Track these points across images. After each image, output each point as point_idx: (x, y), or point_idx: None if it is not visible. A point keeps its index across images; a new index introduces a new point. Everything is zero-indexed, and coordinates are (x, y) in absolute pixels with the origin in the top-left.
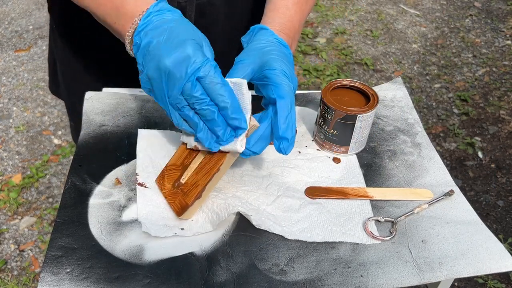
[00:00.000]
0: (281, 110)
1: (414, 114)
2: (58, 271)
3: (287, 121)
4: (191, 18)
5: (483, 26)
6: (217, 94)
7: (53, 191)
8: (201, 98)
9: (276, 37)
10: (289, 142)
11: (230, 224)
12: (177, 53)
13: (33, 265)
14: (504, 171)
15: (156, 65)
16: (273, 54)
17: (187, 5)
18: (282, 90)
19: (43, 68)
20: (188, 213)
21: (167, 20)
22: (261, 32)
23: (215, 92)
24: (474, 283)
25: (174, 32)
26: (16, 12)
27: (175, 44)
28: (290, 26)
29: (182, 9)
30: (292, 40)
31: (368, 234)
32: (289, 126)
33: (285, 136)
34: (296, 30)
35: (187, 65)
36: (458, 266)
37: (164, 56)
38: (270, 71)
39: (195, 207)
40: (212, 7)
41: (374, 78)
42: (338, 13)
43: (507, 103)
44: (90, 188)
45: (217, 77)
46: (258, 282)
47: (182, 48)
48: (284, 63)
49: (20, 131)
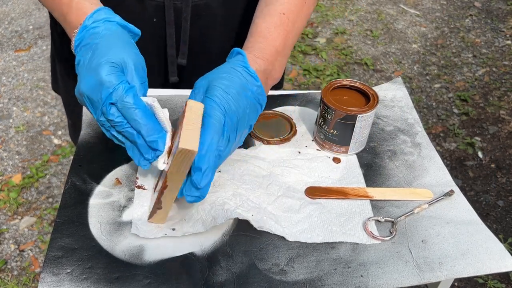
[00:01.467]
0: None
1: (414, 114)
2: (58, 272)
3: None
4: (187, 19)
5: (483, 26)
6: (130, 119)
7: (53, 191)
8: (117, 121)
9: (246, 65)
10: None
11: (230, 224)
12: (91, 78)
13: (33, 265)
14: (504, 171)
15: (77, 88)
16: (223, 83)
17: (183, 7)
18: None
19: (43, 68)
20: (154, 218)
21: (97, 36)
22: (237, 57)
23: (129, 116)
24: (474, 283)
25: (97, 52)
26: (16, 12)
27: (93, 68)
28: (270, 51)
29: (178, 10)
30: (272, 65)
31: (368, 234)
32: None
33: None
34: (278, 53)
35: (100, 90)
36: (458, 266)
37: (82, 81)
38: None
39: (159, 214)
40: (208, 9)
41: (374, 78)
42: (338, 13)
43: (507, 103)
44: (90, 188)
45: (128, 101)
46: (258, 282)
47: (95, 72)
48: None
49: (20, 131)
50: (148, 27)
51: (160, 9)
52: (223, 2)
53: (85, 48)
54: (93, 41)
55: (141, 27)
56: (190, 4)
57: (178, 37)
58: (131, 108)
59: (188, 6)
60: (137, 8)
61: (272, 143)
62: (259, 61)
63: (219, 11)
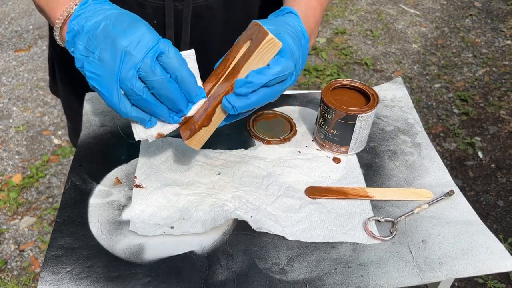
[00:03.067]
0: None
1: (414, 114)
2: (58, 271)
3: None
4: (187, 21)
5: (483, 26)
6: (178, 70)
7: (53, 191)
8: (160, 75)
9: (302, 26)
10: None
11: (231, 223)
12: (131, 32)
13: (33, 265)
14: (504, 171)
15: (110, 46)
16: (290, 33)
17: (184, 8)
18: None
19: (43, 68)
20: (193, 139)
21: (108, 8)
22: (290, 15)
23: (175, 68)
24: (474, 283)
25: (121, 17)
26: (16, 12)
27: (127, 25)
28: (312, 19)
29: (179, 12)
30: (313, 33)
31: (368, 234)
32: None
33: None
34: (317, 22)
35: (145, 42)
36: (458, 266)
37: (119, 36)
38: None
39: (200, 134)
40: (209, 10)
41: (374, 78)
42: (338, 13)
43: (507, 103)
44: (90, 187)
45: (176, 53)
46: (258, 281)
47: (135, 27)
48: (296, 46)
49: (20, 131)
50: None
51: (160, 11)
52: (224, 3)
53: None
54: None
55: None
56: (191, 6)
57: (179, 39)
58: (179, 59)
59: (189, 8)
60: (137, 10)
61: (272, 143)
62: (305, 25)
63: (219, 12)
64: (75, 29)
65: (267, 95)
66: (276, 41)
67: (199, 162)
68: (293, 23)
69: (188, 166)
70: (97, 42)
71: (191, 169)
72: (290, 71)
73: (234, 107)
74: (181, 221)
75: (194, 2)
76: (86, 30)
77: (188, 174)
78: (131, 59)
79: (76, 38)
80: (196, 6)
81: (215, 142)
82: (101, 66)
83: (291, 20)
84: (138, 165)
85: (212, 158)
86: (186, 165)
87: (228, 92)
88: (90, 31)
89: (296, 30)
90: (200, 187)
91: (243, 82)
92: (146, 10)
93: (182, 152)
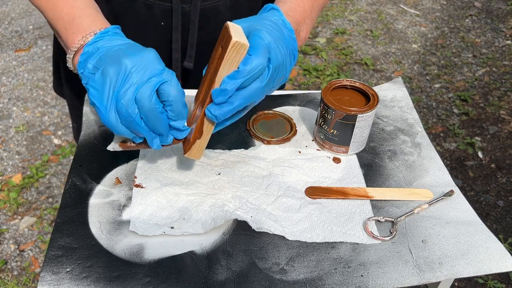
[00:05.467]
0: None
1: (414, 114)
2: (58, 270)
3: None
4: (195, 23)
5: (483, 26)
6: (175, 102)
7: (53, 191)
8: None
9: (283, 18)
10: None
11: (231, 223)
12: (140, 56)
13: (33, 265)
14: (504, 171)
15: (116, 63)
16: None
17: (191, 10)
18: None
19: (43, 68)
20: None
21: (125, 40)
22: (271, 11)
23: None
24: (474, 283)
25: (135, 45)
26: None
27: (138, 50)
28: (299, 11)
29: (186, 14)
30: (300, 25)
31: (368, 234)
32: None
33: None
34: (306, 15)
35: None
36: (458, 266)
37: (127, 57)
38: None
39: (197, 146)
40: (216, 13)
41: (374, 78)
42: (338, 13)
43: (507, 103)
44: (90, 187)
45: (178, 85)
46: (258, 281)
47: (145, 53)
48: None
49: (20, 131)
50: (155, 31)
51: (167, 13)
52: (231, 6)
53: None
54: (126, 40)
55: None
56: (199, 8)
57: (186, 41)
58: (179, 91)
59: (196, 10)
60: (145, 12)
61: (273, 143)
62: (289, 18)
63: (226, 15)
64: (89, 51)
65: (246, 96)
66: (241, 44)
67: (199, 162)
68: (273, 17)
69: (188, 166)
70: (106, 60)
71: (191, 169)
72: (263, 67)
73: (216, 116)
74: (181, 221)
75: (201, 4)
76: (100, 51)
77: (188, 174)
78: (132, 81)
79: (88, 58)
80: (204, 8)
81: (215, 142)
82: (103, 82)
83: (271, 15)
84: (138, 165)
85: (212, 158)
86: (186, 165)
87: (209, 103)
88: (103, 52)
89: (275, 23)
90: (200, 187)
91: (218, 92)
92: (154, 12)
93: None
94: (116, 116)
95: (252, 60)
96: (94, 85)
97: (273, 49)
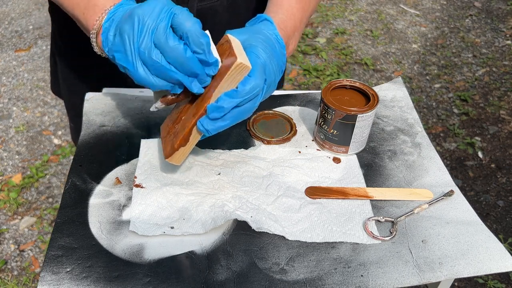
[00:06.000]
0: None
1: (414, 114)
2: (58, 270)
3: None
4: None
5: (483, 26)
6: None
7: (53, 191)
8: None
9: (276, 33)
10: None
11: (231, 223)
12: (147, 3)
13: (33, 265)
14: (504, 171)
15: (128, 19)
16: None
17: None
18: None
19: (43, 68)
20: (173, 156)
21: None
22: (264, 22)
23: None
24: (474, 283)
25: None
26: (16, 12)
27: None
28: (291, 24)
29: None
30: (290, 39)
31: (368, 234)
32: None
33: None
34: (296, 28)
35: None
36: (458, 266)
37: (136, 8)
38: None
39: (180, 152)
40: (213, 13)
41: (374, 78)
42: (338, 13)
43: (507, 103)
44: (90, 187)
45: (189, 15)
46: (258, 281)
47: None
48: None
49: (20, 131)
50: None
51: None
52: (228, 7)
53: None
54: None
55: None
56: (195, 8)
57: None
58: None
59: (193, 10)
60: None
61: (273, 143)
62: (281, 32)
63: (224, 15)
64: (107, 26)
65: (239, 114)
66: (244, 66)
67: (199, 162)
68: (267, 30)
69: (188, 166)
70: (120, 22)
71: (191, 169)
72: (260, 88)
73: (208, 130)
74: (181, 221)
75: (198, 4)
76: (115, 21)
77: (188, 174)
78: (146, 28)
79: (108, 31)
80: (201, 8)
81: (215, 142)
82: (122, 40)
83: (265, 28)
84: (138, 165)
85: (212, 158)
86: (186, 165)
87: (202, 115)
88: (117, 19)
89: (269, 38)
90: (200, 187)
91: (215, 108)
92: None
93: None
94: (145, 69)
95: (251, 81)
96: (116, 48)
97: (268, 67)
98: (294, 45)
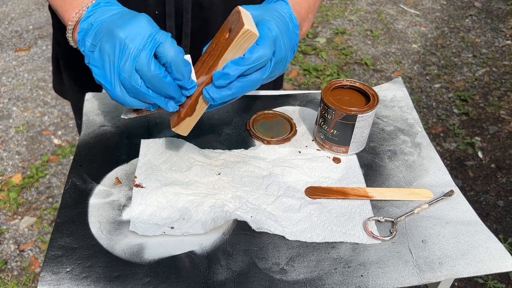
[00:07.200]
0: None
1: (414, 114)
2: (58, 270)
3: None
4: (188, 11)
5: (483, 26)
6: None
7: (53, 191)
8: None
9: (291, 12)
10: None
11: (231, 223)
12: (131, 24)
13: (33, 265)
14: (504, 171)
15: (110, 38)
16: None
17: None
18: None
19: (43, 68)
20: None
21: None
22: (279, 2)
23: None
24: (474, 283)
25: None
26: (16, 12)
27: (128, 18)
28: (305, 6)
29: (179, 2)
30: (304, 21)
31: (368, 234)
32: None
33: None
34: (310, 10)
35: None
36: (458, 266)
37: (118, 28)
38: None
39: (186, 122)
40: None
41: (374, 78)
42: (338, 13)
43: (507, 103)
44: (90, 187)
45: (173, 43)
46: (258, 281)
47: (135, 20)
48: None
49: (20, 131)
50: None
51: (161, 1)
52: None
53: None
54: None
55: None
56: None
57: (179, 29)
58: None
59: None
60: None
61: (273, 143)
62: (295, 13)
63: (220, 3)
64: (84, 28)
65: (246, 84)
66: (251, 33)
67: (199, 162)
68: (281, 9)
69: (188, 166)
70: (101, 36)
71: (191, 169)
72: (267, 58)
73: (213, 98)
74: (181, 221)
75: None
76: (94, 27)
77: (188, 174)
78: (128, 52)
79: (85, 36)
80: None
81: (215, 142)
82: (102, 59)
83: (280, 7)
84: (138, 165)
85: (212, 158)
86: (186, 165)
87: (208, 83)
88: (96, 27)
89: (283, 16)
90: (200, 187)
91: (220, 74)
92: (147, 0)
93: (182, 152)
94: (123, 89)
95: (259, 49)
96: (95, 63)
97: (278, 42)
98: (307, 27)
